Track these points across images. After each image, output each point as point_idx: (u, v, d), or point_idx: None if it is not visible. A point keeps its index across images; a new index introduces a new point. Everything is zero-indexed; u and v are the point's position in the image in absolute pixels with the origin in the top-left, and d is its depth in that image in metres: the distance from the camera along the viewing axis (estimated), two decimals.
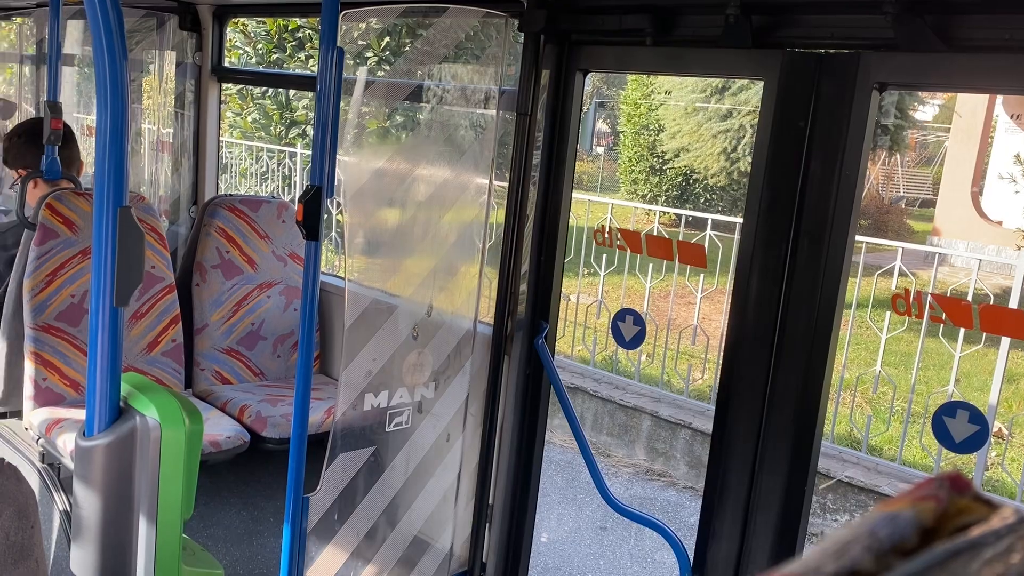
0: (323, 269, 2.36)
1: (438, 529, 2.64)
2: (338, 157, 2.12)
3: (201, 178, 3.98)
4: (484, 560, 2.72)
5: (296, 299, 3.49)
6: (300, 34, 10.91)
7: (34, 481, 2.65)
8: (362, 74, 2.30)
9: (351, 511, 2.38)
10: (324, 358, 3.50)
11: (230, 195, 3.53)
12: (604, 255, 6.77)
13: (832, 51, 1.93)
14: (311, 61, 10.44)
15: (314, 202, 2.09)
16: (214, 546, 2.72)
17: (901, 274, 5.46)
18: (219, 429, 2.84)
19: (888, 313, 5.27)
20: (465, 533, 2.70)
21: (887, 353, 5.56)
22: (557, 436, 5.68)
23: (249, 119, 11.39)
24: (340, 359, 2.47)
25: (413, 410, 2.46)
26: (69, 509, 2.47)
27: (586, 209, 7.46)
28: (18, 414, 2.87)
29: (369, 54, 9.71)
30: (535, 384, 2.59)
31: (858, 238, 5.36)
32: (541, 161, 2.44)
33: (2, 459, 1.00)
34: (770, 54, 1.96)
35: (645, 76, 14.70)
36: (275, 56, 10.88)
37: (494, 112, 2.53)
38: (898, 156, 17.66)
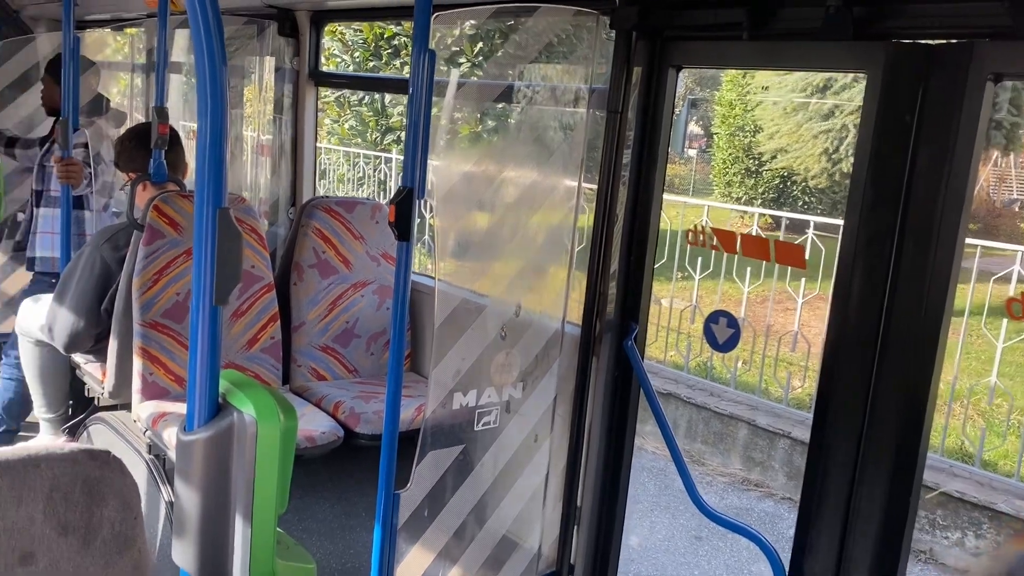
0: (414, 269, 2.39)
1: (526, 529, 2.63)
2: (429, 160, 2.15)
3: (299, 180, 4.09)
4: (572, 562, 2.70)
5: (388, 298, 3.55)
6: (396, 41, 11.09)
7: (142, 471, 2.78)
8: (453, 76, 2.32)
9: (440, 508, 2.41)
10: (415, 356, 3.55)
11: (326, 197, 3.62)
12: (700, 258, 6.63)
13: (941, 41, 1.83)
14: (405, 68, 10.62)
15: (406, 204, 2.12)
16: (308, 539, 2.79)
17: (1020, 280, 5.16)
18: (314, 425, 2.91)
19: (1004, 321, 4.99)
20: (553, 534, 2.69)
21: (1003, 364, 5.26)
22: (649, 442, 5.59)
23: (346, 126, 11.67)
24: (430, 357, 2.50)
25: (501, 410, 2.47)
26: (172, 501, 2.58)
27: (680, 212, 7.32)
28: (128, 406, 3.02)
29: (462, 60, 9.80)
30: (624, 386, 2.56)
31: (971, 241, 5.10)
32: (632, 160, 2.41)
33: (108, 452, 1.05)
34: (873, 46, 1.88)
35: (740, 76, 14.33)
36: (371, 64, 11.08)
37: (584, 111, 2.51)
38: (1012, 156, 16.68)
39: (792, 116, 13.84)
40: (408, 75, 2.10)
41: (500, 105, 2.66)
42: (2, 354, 3.85)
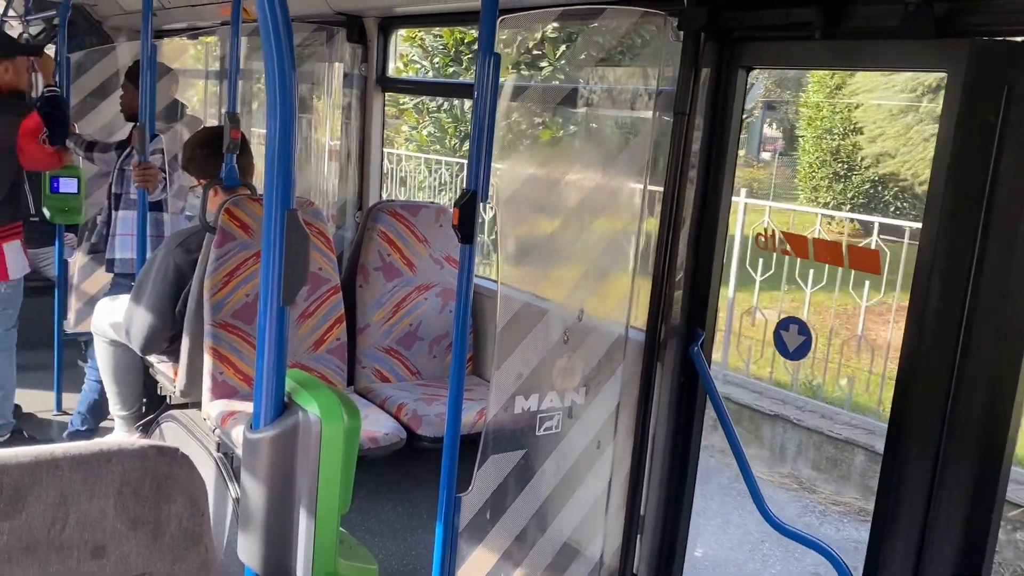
0: (477, 272, 2.39)
1: (588, 536, 2.61)
2: (493, 163, 2.15)
3: (366, 184, 4.15)
4: (635, 571, 2.67)
5: (451, 301, 3.56)
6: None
7: (211, 469, 2.84)
8: (510, 81, 2.31)
9: (502, 513, 2.40)
10: (477, 359, 3.55)
11: (392, 201, 3.67)
12: (811, 271, 6.41)
13: None
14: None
15: (469, 207, 2.12)
16: (370, 539, 2.82)
17: None
18: (378, 426, 2.94)
19: None
20: (616, 542, 2.65)
21: None
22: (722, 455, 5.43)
23: (424, 132, 11.73)
24: (492, 361, 2.49)
25: (563, 415, 2.45)
26: (239, 498, 2.63)
27: (762, 217, 7.11)
28: (198, 405, 3.09)
29: (544, 64, 9.73)
30: (690, 393, 2.51)
31: None
32: (699, 163, 2.37)
33: (177, 449, 1.07)
34: (955, 44, 1.81)
35: (828, 76, 13.89)
36: (451, 69, 10.95)
37: (650, 114, 2.48)
38: None
39: (900, 118, 13.24)
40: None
41: (565, 108, 2.64)
42: (86, 356, 3.98)
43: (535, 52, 9.64)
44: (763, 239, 2.37)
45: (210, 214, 3.14)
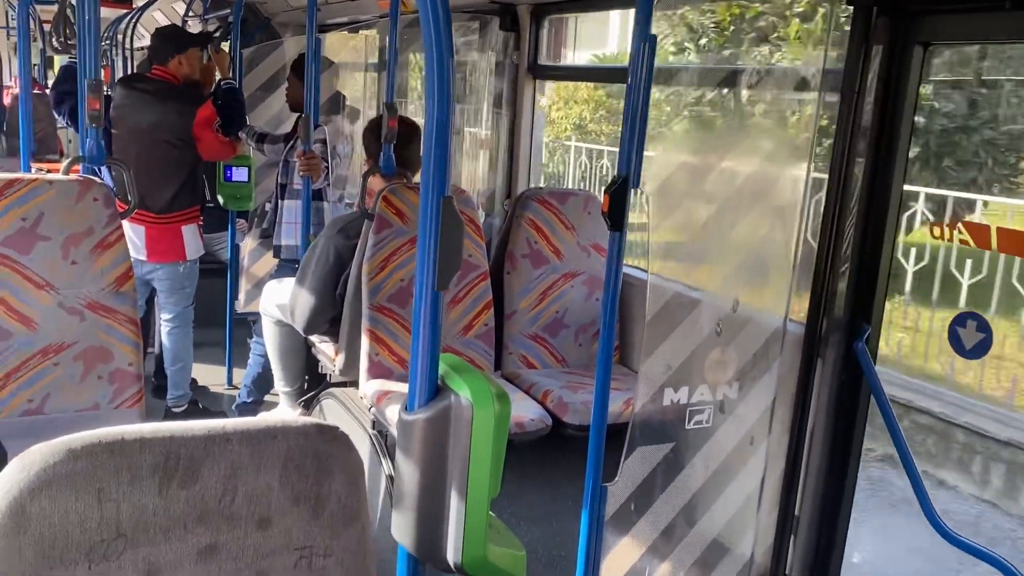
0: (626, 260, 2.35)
1: (738, 534, 2.52)
2: (646, 149, 2.10)
3: (515, 172, 4.18)
4: (788, 572, 2.56)
5: (597, 290, 3.54)
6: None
7: (365, 445, 2.96)
8: (666, 64, 2.25)
9: (648, 505, 2.36)
10: (624, 349, 3.51)
11: (540, 188, 3.67)
12: (968, 260, 5.92)
13: None
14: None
15: (620, 193, 2.08)
16: (515, 524, 2.84)
17: None
18: (524, 411, 2.96)
19: None
20: (767, 542, 2.55)
21: None
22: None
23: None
24: (640, 351, 2.45)
25: (714, 409, 2.37)
26: (393, 475, 2.72)
27: (914, 203, 6.64)
28: (356, 383, 3.22)
29: (702, 45, 9.23)
30: (852, 391, 2.37)
31: None
32: (868, 147, 2.22)
33: (337, 428, 1.10)
34: None
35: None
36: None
37: (815, 95, 2.35)
38: None
39: None
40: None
41: (723, 91, 2.55)
42: (253, 332, 4.25)
43: (693, 34, 9.13)
44: (940, 228, 2.19)
45: (369, 201, 3.26)
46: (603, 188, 2.18)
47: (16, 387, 2.49)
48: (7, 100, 6.50)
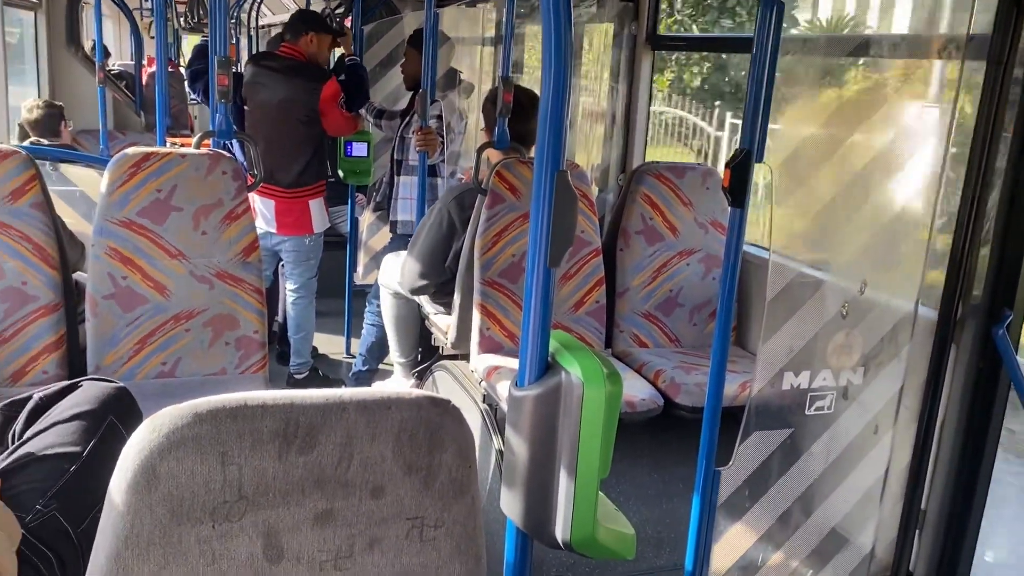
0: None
1: (858, 527, 2.42)
2: (770, 122, 2.01)
3: (630, 146, 4.10)
4: (911, 569, 2.44)
5: (714, 268, 3.44)
6: None
7: (477, 419, 2.99)
8: (792, 32, 2.15)
9: (763, 492, 2.29)
10: (740, 330, 3.41)
11: (656, 163, 3.59)
12: None
13: None
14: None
15: (742, 167, 2.01)
16: (624, 504, 2.82)
17: None
18: (634, 391, 2.92)
19: None
20: (890, 536, 2.44)
21: None
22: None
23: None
24: (758, 332, 2.36)
25: (837, 395, 2.27)
26: (502, 449, 2.74)
27: None
28: (467, 357, 3.26)
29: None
30: (989, 380, 2.22)
31: None
32: (1016, 118, 2.06)
33: (448, 401, 1.11)
34: None
35: None
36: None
37: (957, 63, 2.19)
38: None
39: None
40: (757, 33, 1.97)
41: (854, 60, 2.41)
42: (366, 302, 4.37)
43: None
44: None
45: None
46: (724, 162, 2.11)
47: (151, 351, 2.64)
48: (144, 79, 6.87)
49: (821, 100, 2.40)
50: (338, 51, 4.57)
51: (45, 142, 4.73)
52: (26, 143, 4.71)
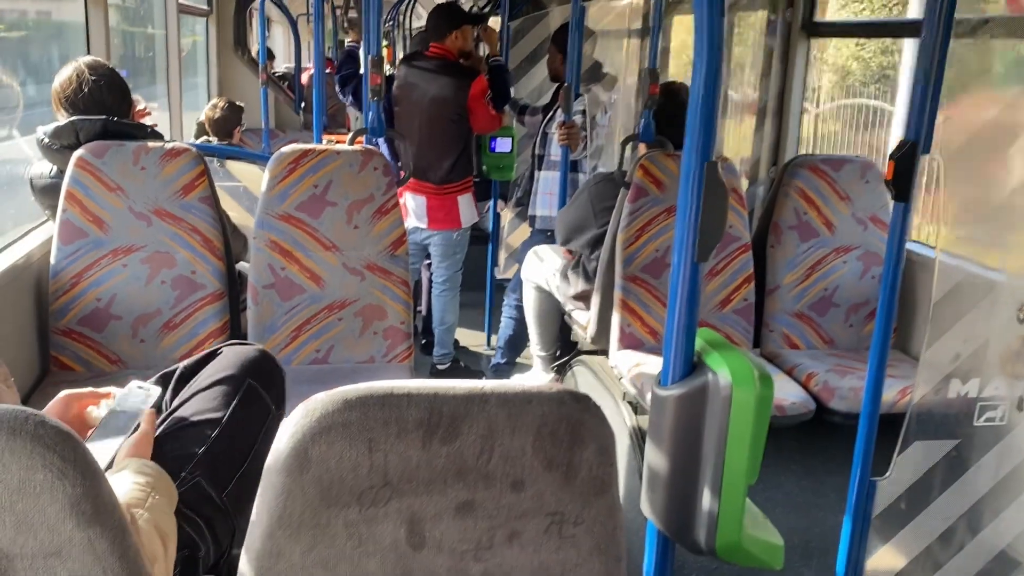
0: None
1: None
2: (939, 110, 1.87)
3: (783, 138, 3.93)
4: None
5: (874, 266, 3.25)
6: None
7: (616, 416, 2.96)
8: (965, 14, 1.99)
9: (923, 506, 2.14)
10: (901, 332, 3.20)
11: (811, 155, 3.43)
12: None
13: None
14: None
15: (907, 160, 1.88)
16: (771, 511, 2.70)
17: None
18: (784, 394, 2.80)
19: None
20: None
21: None
22: None
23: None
24: (919, 335, 2.21)
25: (1011, 406, 2.09)
26: (643, 448, 2.70)
27: None
28: (606, 353, 3.23)
29: None
30: None
31: None
32: None
33: (589, 397, 1.09)
34: None
35: None
36: None
37: None
38: None
39: None
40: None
41: None
42: (504, 295, 4.42)
43: None
44: None
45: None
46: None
47: (307, 338, 2.77)
48: (304, 79, 7.23)
49: (999, 86, 2.22)
50: (484, 48, 4.63)
51: (215, 141, 5.05)
52: (200, 140, 5.05)
